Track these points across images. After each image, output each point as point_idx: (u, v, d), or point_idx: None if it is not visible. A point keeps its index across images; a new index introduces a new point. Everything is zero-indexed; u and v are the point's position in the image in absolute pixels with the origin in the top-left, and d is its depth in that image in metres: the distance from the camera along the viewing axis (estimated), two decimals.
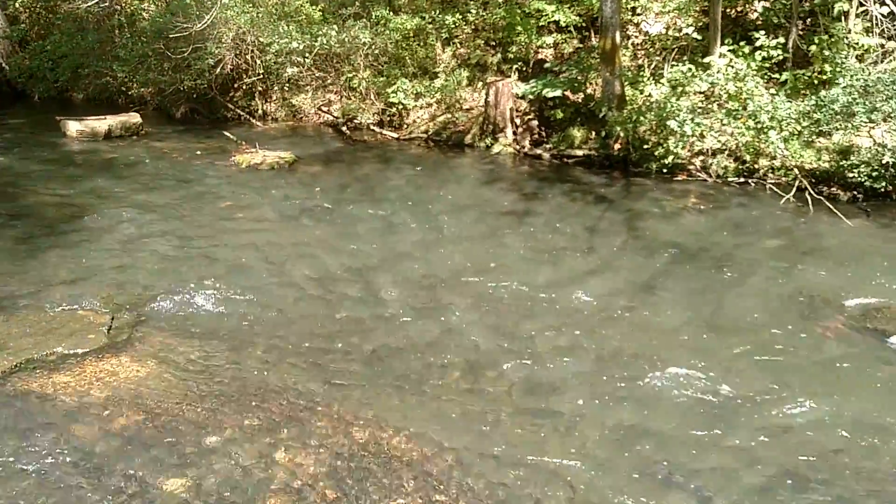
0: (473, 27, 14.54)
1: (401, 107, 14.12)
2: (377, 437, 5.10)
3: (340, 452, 4.92)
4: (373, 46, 14.29)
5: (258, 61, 15.04)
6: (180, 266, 7.88)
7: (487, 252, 8.38)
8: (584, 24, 13.53)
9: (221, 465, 4.76)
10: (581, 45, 13.52)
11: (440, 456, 4.90)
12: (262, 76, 15.35)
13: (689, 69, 10.48)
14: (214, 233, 8.95)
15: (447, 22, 14.19)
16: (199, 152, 13.01)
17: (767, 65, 10.87)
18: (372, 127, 14.50)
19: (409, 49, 14.51)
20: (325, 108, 15.44)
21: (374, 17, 14.44)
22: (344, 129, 14.61)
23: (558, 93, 12.17)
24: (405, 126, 14.31)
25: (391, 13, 14.44)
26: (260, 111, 15.77)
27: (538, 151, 12.47)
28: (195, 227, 9.17)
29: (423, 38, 14.59)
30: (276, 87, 15.80)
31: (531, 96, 12.59)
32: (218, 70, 14.79)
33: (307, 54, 14.38)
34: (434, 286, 7.48)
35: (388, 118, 14.51)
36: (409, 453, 4.92)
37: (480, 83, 13.87)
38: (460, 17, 14.29)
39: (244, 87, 15.78)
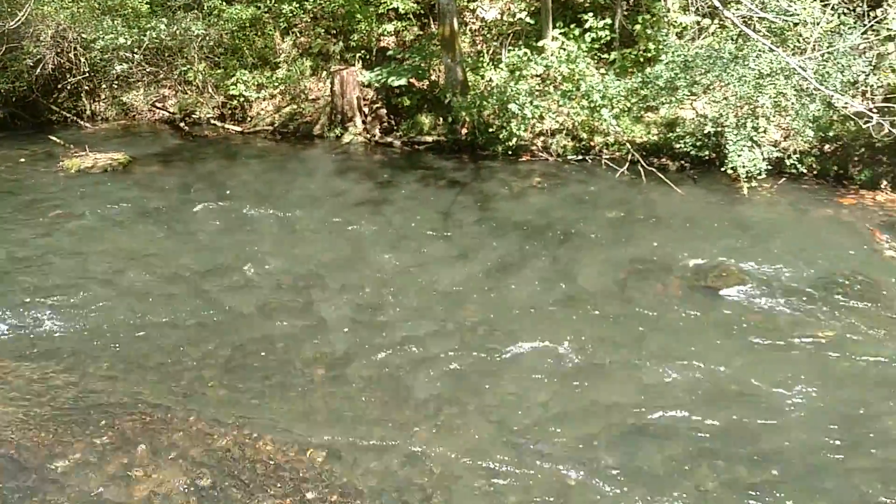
0: (312, 16, 14.27)
1: (242, 99, 13.64)
2: (241, 442, 4.93)
3: (203, 462, 4.72)
4: (207, 38, 13.69)
5: (82, 59, 13.97)
6: (10, 284, 7.22)
7: (344, 243, 8.29)
8: (422, 12, 13.64)
9: (74, 489, 4.43)
10: (422, 33, 13.62)
11: (309, 454, 4.82)
12: (87, 75, 14.28)
13: (525, 53, 10.84)
14: (46, 245, 8.27)
15: (284, 11, 13.84)
16: (22, 160, 11.93)
17: (597, 46, 11.43)
18: (213, 121, 13.90)
19: (246, 39, 14.02)
20: (159, 105, 14.61)
21: (206, 7, 13.81)
22: (182, 125, 13.91)
23: (403, 80, 12.22)
24: (249, 119, 13.83)
25: (224, 3, 13.88)
26: (88, 112, 14.68)
27: (389, 139, 12.47)
28: (23, 240, 8.42)
29: (260, 27, 14.14)
30: (104, 86, 14.76)
31: (377, 84, 12.55)
32: (38, 70, 13.60)
33: (136, 49, 13.54)
34: (291, 282, 7.32)
35: (230, 111, 13.97)
36: (276, 455, 4.80)
37: (324, 72, 13.65)
38: (297, 5, 13.97)
39: (69, 88, 14.62)
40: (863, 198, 9.11)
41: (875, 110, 8.46)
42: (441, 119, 12.14)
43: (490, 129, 11.27)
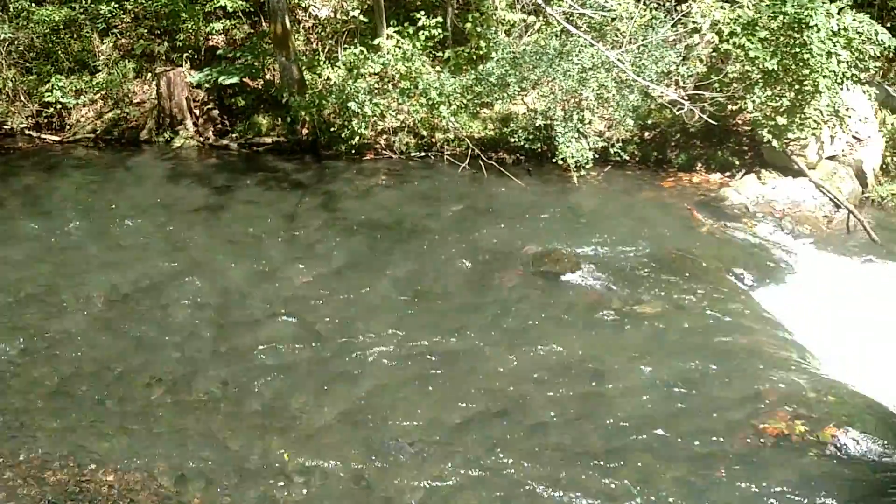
0: (133, 16, 13.43)
1: (60, 106, 12.59)
2: (78, 475, 4.57)
3: (37, 500, 4.33)
4: (16, 42, 12.53)
5: None
6: None
7: (180, 254, 7.89)
8: (252, 9, 13.23)
9: None
10: (253, 31, 13.21)
11: (157, 479, 4.55)
12: None
13: (361, 51, 10.82)
14: None
15: (102, 11, 12.92)
16: None
17: (431, 44, 11.60)
18: (28, 132, 12.74)
19: (61, 43, 12.96)
20: None
21: (12, 9, 12.63)
22: None
23: (235, 80, 11.80)
24: (68, 127, 12.80)
25: (33, 4, 12.76)
26: None
27: (224, 142, 11.99)
28: None
29: (76, 29, 13.12)
30: None
31: (207, 85, 12.04)
32: None
33: None
34: (124, 300, 6.87)
35: (47, 120, 12.85)
36: (119, 484, 4.50)
37: (150, 74, 12.89)
38: (116, 5, 13.09)
39: None
40: (681, 180, 9.89)
41: (687, 98, 9.23)
42: (280, 119, 11.85)
43: (331, 129, 11.15)
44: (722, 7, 9.05)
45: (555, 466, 4.58)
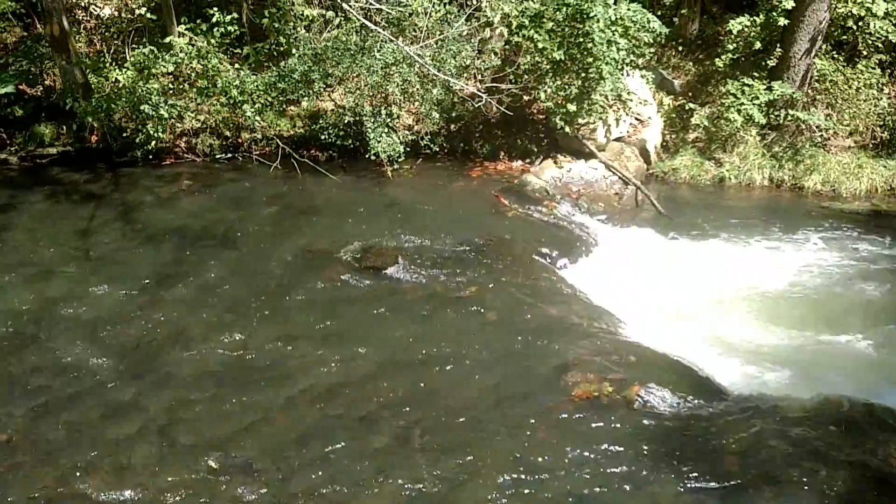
0: None
1: None
2: None
3: None
4: None
5: None
6: None
7: None
8: (23, 11, 12.01)
9: None
10: (26, 34, 12.00)
11: None
12: None
13: (152, 51, 10.17)
14: None
15: None
16: None
17: (227, 41, 11.17)
18: None
19: None
20: None
21: None
22: None
23: (10, 88, 10.67)
24: None
25: None
26: None
27: (3, 156, 10.82)
28: None
29: None
30: None
31: None
32: None
33: None
34: None
35: None
36: None
37: None
38: None
39: None
40: (487, 168, 10.32)
41: (485, 90, 9.62)
42: (65, 128, 10.87)
43: (124, 134, 10.42)
44: (510, 1, 9.50)
45: (384, 460, 4.61)
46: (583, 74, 9.36)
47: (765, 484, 4.13)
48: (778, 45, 10.53)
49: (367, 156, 9.66)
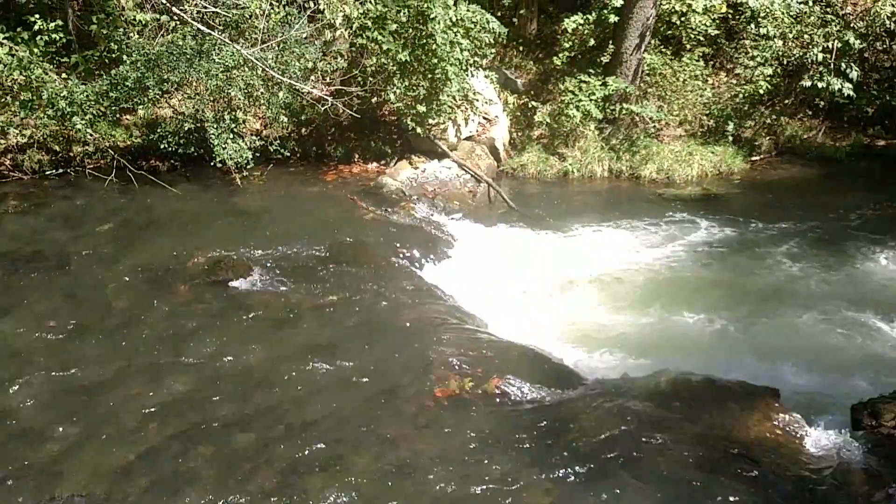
0: None
1: None
2: None
3: None
4: None
5: None
6: None
7: None
8: None
9: None
10: None
11: None
12: None
13: None
14: None
15: None
16: None
17: (53, 49, 10.36)
18: None
19: None
20: None
21: None
22: None
23: None
24: None
25: None
26: None
27: None
28: None
29: None
30: None
31: None
32: None
33: None
34: None
35: None
36: None
37: None
38: None
39: None
40: (342, 172, 10.20)
41: (333, 93, 9.50)
42: None
43: None
44: (349, 2, 9.43)
45: (240, 476, 4.42)
46: (429, 75, 9.45)
47: (620, 462, 4.32)
48: (610, 42, 11.13)
49: (212, 164, 9.27)
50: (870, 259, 8.08)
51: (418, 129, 9.68)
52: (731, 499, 3.94)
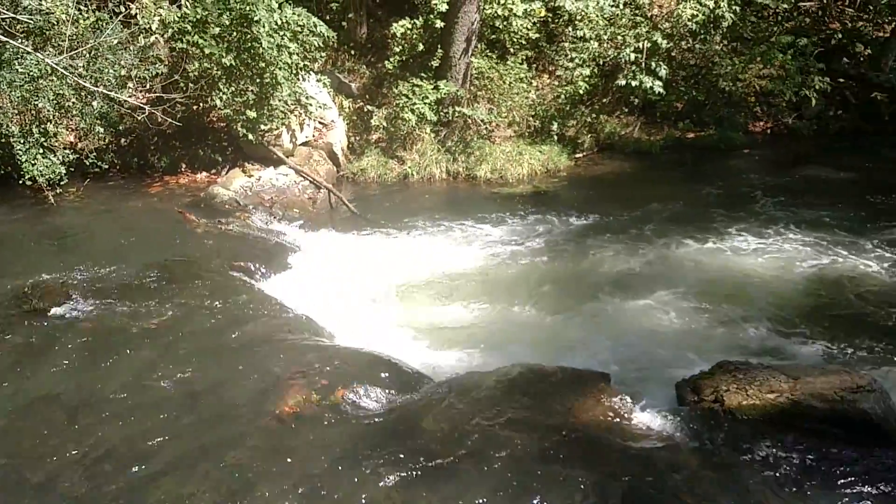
0: None
1: None
2: None
3: None
4: None
5: None
6: None
7: None
8: None
9: None
10: None
11: None
12: None
13: None
14: None
15: None
16: None
17: None
18: None
19: None
20: None
21: None
22: None
23: None
24: None
25: None
26: None
27: None
28: None
29: None
30: None
31: None
32: None
33: None
34: None
35: None
36: None
37: None
38: None
39: None
40: (168, 183, 9.67)
41: (153, 100, 8.97)
42: None
43: None
44: (165, 6, 8.96)
45: None
46: (258, 80, 9.18)
47: (466, 459, 4.38)
48: (439, 47, 11.34)
49: (20, 182, 8.46)
50: (683, 244, 8.77)
51: (250, 136, 9.37)
52: (568, 483, 4.11)
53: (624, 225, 9.34)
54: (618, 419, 4.70)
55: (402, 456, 4.47)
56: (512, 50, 12.30)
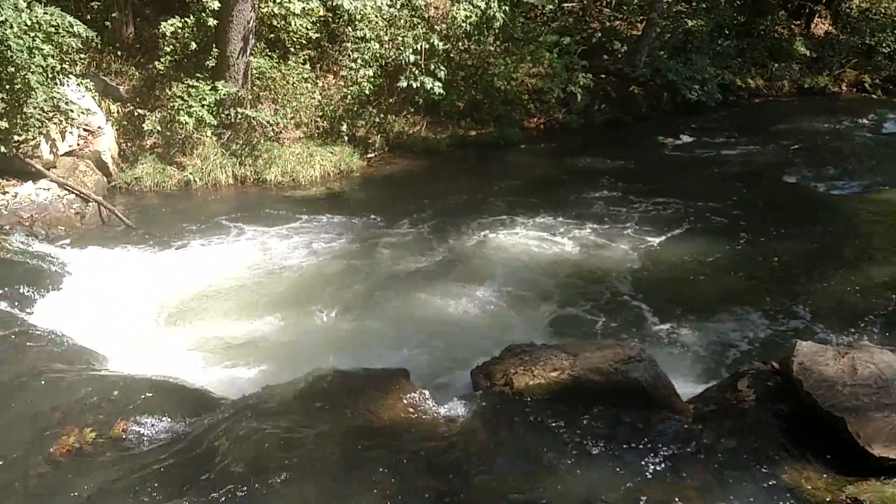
0: None
1: None
2: None
3: None
4: None
5: None
6: None
7: None
8: None
9: None
10: None
11: None
12: None
13: None
14: None
15: None
16: None
17: None
18: None
19: None
20: None
21: None
22: None
23: None
24: None
25: None
26: None
27: None
28: None
29: None
30: None
31: None
32: None
33: None
34: None
35: None
36: None
37: None
38: None
39: None
40: None
41: None
42: None
43: None
44: None
45: None
46: (7, 87, 8.20)
47: (273, 478, 4.20)
48: (214, 46, 10.84)
49: None
50: (471, 236, 9.12)
51: (2, 148, 8.37)
52: (375, 484, 4.11)
53: (416, 221, 9.53)
54: (417, 413, 4.77)
55: (197, 486, 4.20)
56: (293, 49, 12.07)
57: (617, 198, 10.31)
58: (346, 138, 11.93)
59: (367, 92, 12.01)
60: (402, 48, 12.13)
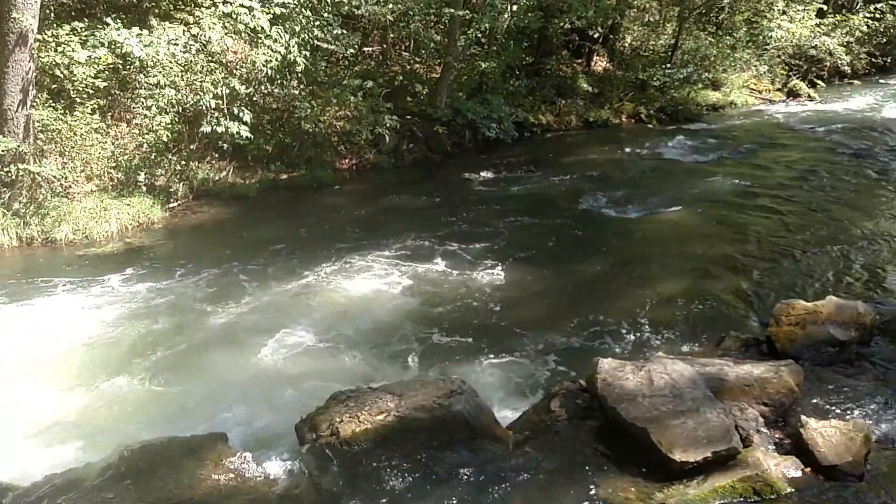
0: None
1: None
2: None
3: None
4: None
5: None
6: None
7: None
8: None
9: None
10: None
11: None
12: None
13: None
14: None
15: None
16: None
17: None
18: None
19: None
20: None
21: None
22: None
23: None
24: None
25: None
26: None
27: None
28: None
29: None
30: None
31: None
32: None
33: None
34: None
35: None
36: None
37: None
38: None
39: None
40: None
41: None
42: None
43: None
44: None
45: None
46: None
47: None
48: None
49: None
50: (288, 283, 8.91)
51: None
52: None
53: (226, 272, 9.17)
54: (238, 480, 4.56)
55: None
56: (79, 99, 11.26)
57: (429, 235, 10.59)
58: (144, 188, 11.28)
59: (164, 139, 11.46)
60: (200, 93, 11.73)
